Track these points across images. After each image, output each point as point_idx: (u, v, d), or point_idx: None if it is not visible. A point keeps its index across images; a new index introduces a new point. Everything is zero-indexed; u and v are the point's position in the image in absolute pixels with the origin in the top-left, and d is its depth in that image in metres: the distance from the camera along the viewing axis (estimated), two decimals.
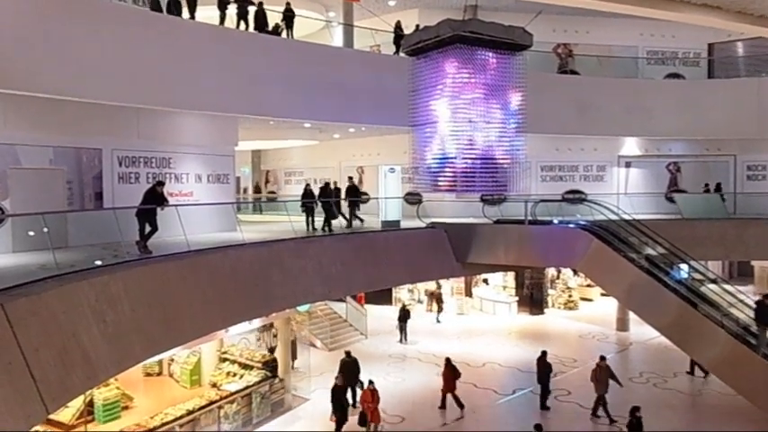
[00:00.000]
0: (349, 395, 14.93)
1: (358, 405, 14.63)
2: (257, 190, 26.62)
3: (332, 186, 17.12)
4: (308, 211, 15.55)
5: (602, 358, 15.19)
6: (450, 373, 15.35)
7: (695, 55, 23.91)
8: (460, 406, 15.06)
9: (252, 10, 15.59)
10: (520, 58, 13.20)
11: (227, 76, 13.78)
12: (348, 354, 16.07)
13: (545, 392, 15.35)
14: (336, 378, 14.21)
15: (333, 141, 23.73)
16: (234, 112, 14.70)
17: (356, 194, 16.75)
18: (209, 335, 11.92)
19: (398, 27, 18.86)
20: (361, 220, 15.83)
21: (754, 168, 21.96)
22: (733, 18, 9.18)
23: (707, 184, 20.52)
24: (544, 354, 15.64)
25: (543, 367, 15.42)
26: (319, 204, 15.91)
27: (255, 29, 15.43)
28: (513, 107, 13.19)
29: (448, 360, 15.68)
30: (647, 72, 23.09)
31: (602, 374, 14.75)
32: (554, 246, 15.18)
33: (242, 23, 15.39)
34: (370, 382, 13.93)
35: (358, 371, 15.55)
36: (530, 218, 15.67)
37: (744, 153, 21.97)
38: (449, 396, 15.24)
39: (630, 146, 22.62)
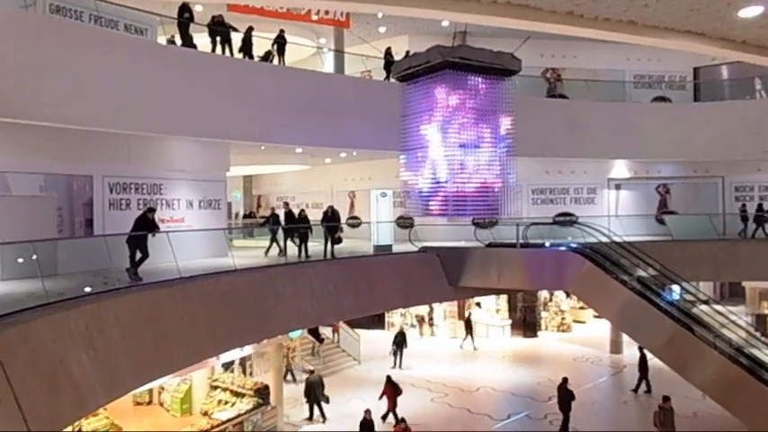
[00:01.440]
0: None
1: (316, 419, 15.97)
2: (251, 215, 26.56)
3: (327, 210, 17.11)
4: (302, 237, 15.09)
5: (666, 399, 14.20)
6: (392, 389, 15.96)
7: (681, 78, 24.32)
8: (397, 422, 15.51)
9: (238, 36, 15.76)
10: (509, 82, 13.37)
11: (218, 102, 13.87)
12: (312, 372, 16.90)
13: (566, 422, 14.92)
14: (366, 412, 14.16)
15: (324, 166, 23.82)
16: (225, 137, 14.77)
17: (294, 221, 15.92)
18: (201, 362, 11.80)
19: (389, 53, 19.10)
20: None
21: (741, 189, 22.21)
22: (716, 44, 9.35)
23: (744, 206, 20.20)
24: (565, 380, 15.36)
25: (564, 394, 15.08)
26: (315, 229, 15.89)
27: (242, 54, 15.58)
28: (503, 131, 13.31)
29: (389, 378, 16.38)
30: (634, 95, 23.41)
31: (667, 418, 13.58)
32: (546, 268, 15.20)
33: (227, 49, 15.51)
34: (403, 420, 13.81)
35: (322, 388, 16.35)
36: (521, 241, 15.72)
37: (731, 174, 22.23)
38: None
39: (620, 168, 22.84)
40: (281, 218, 16.04)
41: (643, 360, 17.99)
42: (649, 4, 7.72)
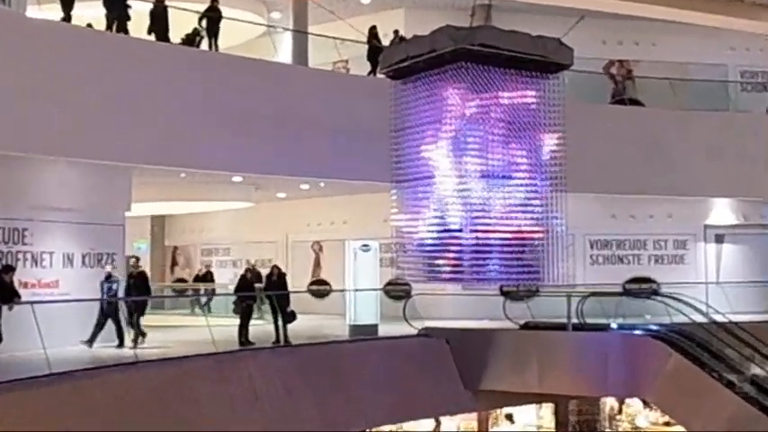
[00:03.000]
0: None
1: None
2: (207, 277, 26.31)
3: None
4: (246, 311, 15.33)
5: None
6: None
7: None
8: None
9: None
10: (555, 82, 13.56)
11: (115, 108, 13.95)
12: None
13: None
14: None
15: (276, 204, 23.81)
16: (124, 160, 14.79)
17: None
18: None
19: (374, 35, 19.29)
20: (143, 335, 15.09)
21: None
22: None
23: None
24: None
25: None
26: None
27: (155, 36, 15.74)
28: (546, 155, 13.44)
29: None
30: (741, 102, 23.63)
31: None
32: (612, 364, 15.11)
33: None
34: None
35: None
36: (575, 320, 15.70)
37: None
38: None
39: (723, 211, 22.98)
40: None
41: None
42: None
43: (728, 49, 24.13)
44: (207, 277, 24.54)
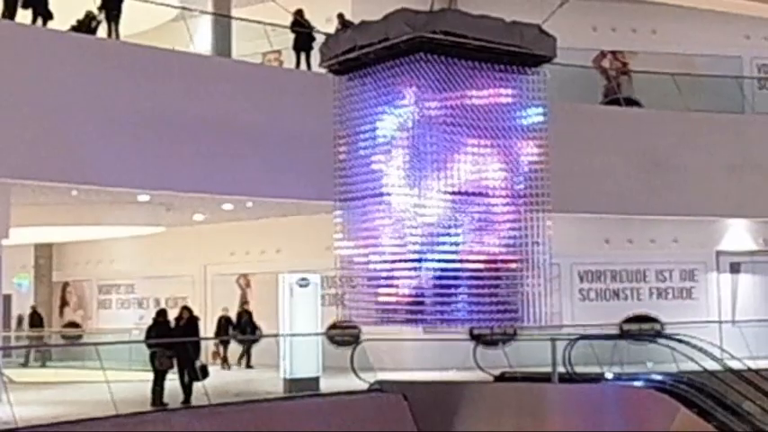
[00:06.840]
0: None
1: None
2: (35, 322, 25.99)
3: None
4: (166, 366, 15.45)
5: None
6: None
7: None
8: None
9: None
10: (535, 78, 13.69)
11: None
12: None
13: None
14: None
15: (193, 229, 23.71)
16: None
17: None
18: None
19: (300, 16, 19.22)
20: None
21: None
22: None
23: None
24: None
25: None
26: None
27: (34, 16, 15.64)
28: (525, 167, 13.54)
29: None
30: (760, 102, 24.00)
31: None
32: (607, 422, 15.24)
33: None
34: None
35: None
36: (561, 370, 15.83)
37: None
38: None
39: (738, 235, 23.31)
40: None
41: None
42: None
43: (743, 37, 24.52)
44: None
